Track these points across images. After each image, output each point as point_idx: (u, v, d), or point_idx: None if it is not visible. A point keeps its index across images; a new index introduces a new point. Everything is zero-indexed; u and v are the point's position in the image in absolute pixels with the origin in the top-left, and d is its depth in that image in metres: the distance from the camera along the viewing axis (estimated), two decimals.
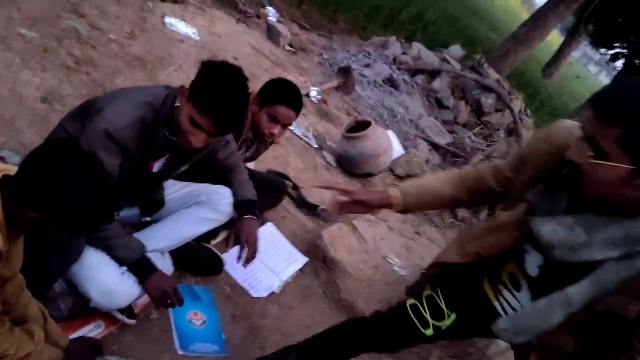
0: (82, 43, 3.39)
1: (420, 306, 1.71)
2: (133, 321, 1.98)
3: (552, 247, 1.33)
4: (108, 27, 3.78)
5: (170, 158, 1.95)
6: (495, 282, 1.61)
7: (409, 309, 1.71)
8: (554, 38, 21.70)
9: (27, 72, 2.82)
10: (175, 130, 1.79)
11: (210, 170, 2.23)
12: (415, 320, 1.68)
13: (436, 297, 1.70)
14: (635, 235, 1.23)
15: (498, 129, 6.93)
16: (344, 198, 1.68)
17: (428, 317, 1.67)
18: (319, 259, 2.91)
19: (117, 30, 3.83)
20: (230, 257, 2.56)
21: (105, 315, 1.95)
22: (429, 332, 1.66)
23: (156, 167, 1.94)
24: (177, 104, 1.78)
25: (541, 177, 1.41)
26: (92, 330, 1.92)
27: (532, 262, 1.47)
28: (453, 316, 1.66)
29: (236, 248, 2.58)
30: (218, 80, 1.71)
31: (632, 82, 1.22)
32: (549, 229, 1.32)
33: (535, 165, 1.45)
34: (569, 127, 1.39)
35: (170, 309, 2.16)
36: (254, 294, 2.52)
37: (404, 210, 1.70)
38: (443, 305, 1.67)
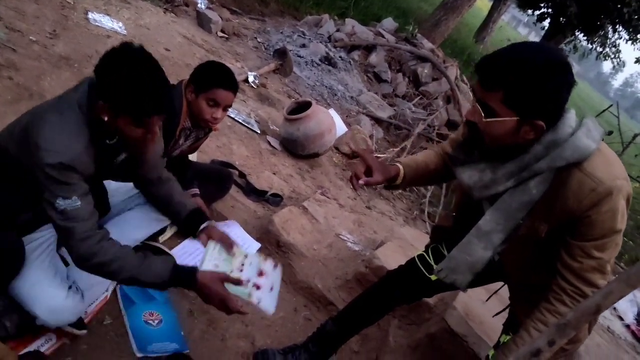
0: (1, 47, 3.21)
1: (426, 255, 2.01)
2: (84, 332, 1.91)
3: (471, 189, 1.59)
4: (27, 28, 3.60)
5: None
6: None
7: (416, 259, 2.02)
8: (483, 3, 22.21)
9: None
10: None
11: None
12: (422, 267, 1.97)
13: (440, 248, 1.98)
14: (524, 165, 1.47)
15: (436, 98, 7.06)
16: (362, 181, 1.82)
17: (432, 262, 1.95)
18: (272, 244, 2.90)
19: (37, 30, 3.65)
20: (180, 252, 2.52)
21: (56, 328, 1.87)
22: (434, 277, 1.88)
23: None
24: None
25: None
26: (44, 344, 1.85)
27: (486, 207, 1.67)
28: None
29: (185, 242, 2.55)
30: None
31: (503, 51, 1.42)
32: (467, 174, 1.59)
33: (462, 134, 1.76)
34: None
35: (124, 313, 2.12)
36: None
37: (401, 183, 1.91)
38: (445, 253, 1.91)
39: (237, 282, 1.79)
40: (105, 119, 1.61)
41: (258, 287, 1.89)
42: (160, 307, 2.22)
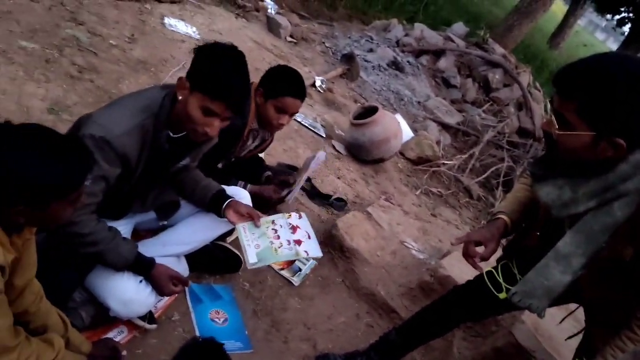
0: (84, 51, 3.39)
1: (495, 273, 1.92)
2: (154, 326, 1.98)
3: (549, 207, 1.48)
4: (108, 32, 3.77)
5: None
6: None
7: (485, 276, 1.93)
8: (558, 8, 21.37)
9: (32, 84, 2.83)
10: (183, 126, 1.73)
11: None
12: (490, 285, 1.88)
13: (510, 265, 1.89)
14: (609, 185, 1.37)
15: (508, 104, 6.85)
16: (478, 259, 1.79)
17: (501, 281, 1.87)
18: (336, 249, 2.90)
19: (117, 35, 3.83)
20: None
21: (127, 321, 1.95)
22: (502, 295, 1.83)
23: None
24: (180, 97, 1.70)
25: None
26: (116, 336, 1.93)
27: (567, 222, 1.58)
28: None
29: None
30: (219, 61, 1.65)
31: (584, 60, 1.33)
32: (545, 191, 1.50)
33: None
34: None
35: (191, 310, 2.17)
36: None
37: (512, 230, 1.86)
38: (516, 271, 1.83)
39: (185, 282, 1.94)
40: (180, 97, 1.69)
41: (299, 243, 2.04)
42: (226, 306, 2.26)
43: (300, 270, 2.69)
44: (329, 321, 2.54)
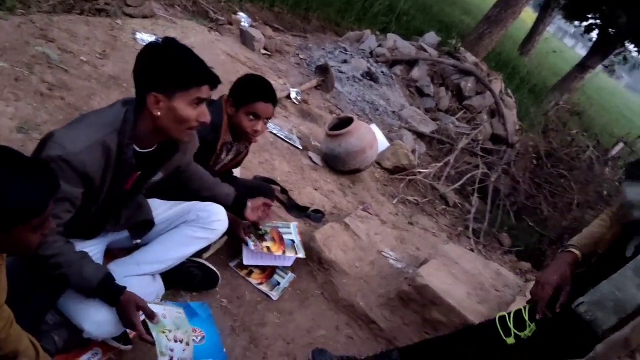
0: (54, 68, 3.34)
1: (507, 317, 1.92)
2: (129, 347, 1.95)
3: (632, 206, 1.46)
4: (79, 49, 3.73)
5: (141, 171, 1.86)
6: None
7: (496, 320, 1.93)
8: (528, 15, 21.79)
9: (0, 103, 2.77)
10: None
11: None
12: (500, 329, 1.87)
13: (522, 310, 1.90)
14: None
15: (480, 112, 6.96)
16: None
17: (511, 326, 1.87)
18: (314, 261, 2.89)
19: (88, 51, 3.78)
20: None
21: (102, 343, 1.91)
22: (510, 340, 1.83)
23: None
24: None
25: None
26: (90, 358, 1.89)
27: (632, 244, 1.56)
28: (532, 326, 1.81)
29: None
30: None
31: None
32: (634, 190, 1.47)
33: None
34: None
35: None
36: (289, 263, 2.73)
37: (582, 262, 1.83)
38: (526, 317, 1.85)
39: (151, 315, 1.75)
40: (158, 113, 1.64)
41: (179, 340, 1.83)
42: (203, 324, 2.23)
43: (278, 284, 2.68)
44: (308, 335, 2.53)
